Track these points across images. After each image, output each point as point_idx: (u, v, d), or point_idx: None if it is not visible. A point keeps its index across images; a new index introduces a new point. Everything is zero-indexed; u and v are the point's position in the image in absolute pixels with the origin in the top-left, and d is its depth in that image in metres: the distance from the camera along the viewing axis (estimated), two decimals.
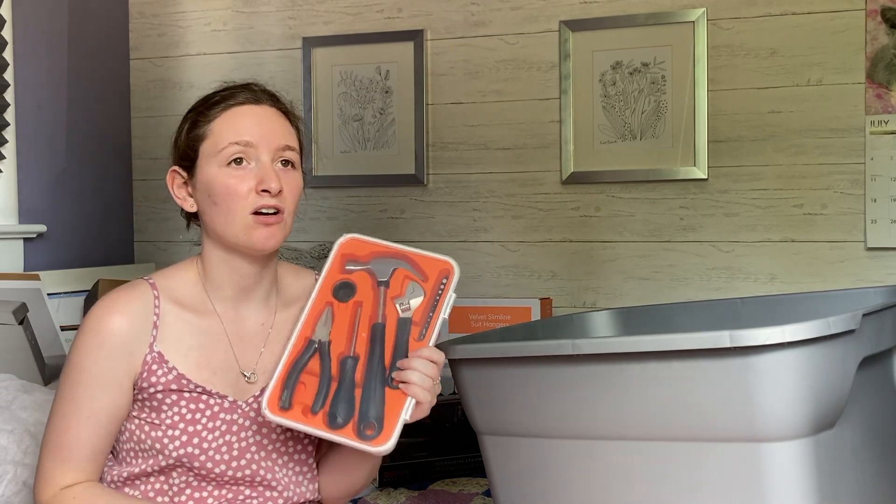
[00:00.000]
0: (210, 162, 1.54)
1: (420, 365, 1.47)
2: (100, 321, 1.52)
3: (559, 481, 1.59)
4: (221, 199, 1.52)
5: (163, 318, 1.54)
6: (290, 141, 1.57)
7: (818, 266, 2.65)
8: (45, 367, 2.44)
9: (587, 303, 2.86)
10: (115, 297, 1.55)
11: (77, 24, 3.01)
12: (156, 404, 1.52)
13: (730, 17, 2.71)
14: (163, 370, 1.52)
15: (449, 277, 1.55)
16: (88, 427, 1.50)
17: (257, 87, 1.61)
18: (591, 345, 1.51)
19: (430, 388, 1.47)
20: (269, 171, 1.52)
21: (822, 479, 1.43)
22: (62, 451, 1.51)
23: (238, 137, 1.53)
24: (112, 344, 1.51)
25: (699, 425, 1.45)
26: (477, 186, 2.95)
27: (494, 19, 2.93)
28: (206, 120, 1.56)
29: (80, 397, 1.51)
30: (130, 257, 3.24)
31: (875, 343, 1.53)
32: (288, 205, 1.55)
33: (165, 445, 1.51)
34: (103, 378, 1.51)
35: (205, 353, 1.55)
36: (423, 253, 1.59)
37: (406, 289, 1.56)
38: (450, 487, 2.28)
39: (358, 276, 1.59)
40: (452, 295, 1.54)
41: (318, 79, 3.08)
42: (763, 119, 2.69)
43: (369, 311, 1.55)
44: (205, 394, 1.53)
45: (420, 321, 1.53)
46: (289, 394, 1.49)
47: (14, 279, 2.52)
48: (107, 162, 3.16)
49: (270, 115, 1.58)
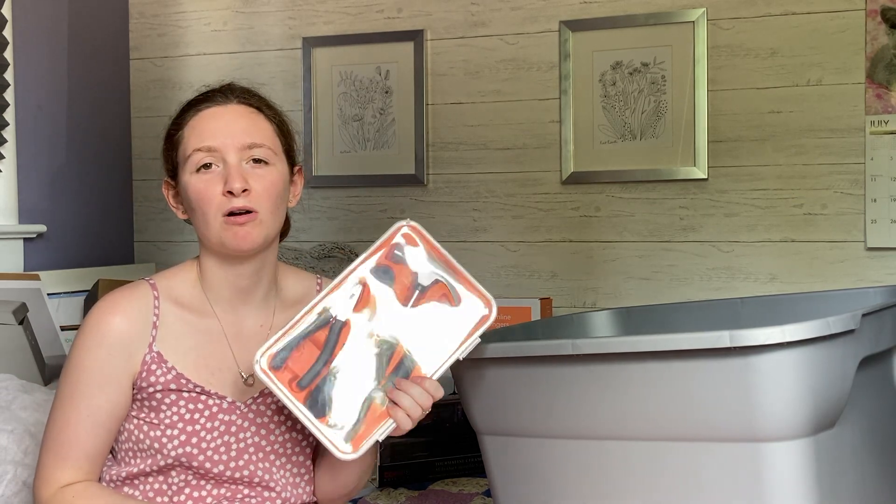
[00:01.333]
0: (184, 170, 1.55)
1: (417, 393, 1.44)
2: (100, 321, 1.52)
3: (559, 481, 1.59)
4: (196, 205, 1.53)
5: (162, 318, 1.55)
6: (256, 138, 1.54)
7: (818, 266, 2.65)
8: (45, 367, 2.44)
9: (587, 303, 2.86)
10: (116, 297, 1.55)
11: (77, 24, 3.01)
12: (155, 404, 1.52)
13: (730, 17, 2.71)
14: (162, 370, 1.52)
15: (483, 319, 1.49)
16: (87, 425, 1.51)
17: (231, 87, 1.60)
18: (591, 345, 1.51)
19: (416, 418, 1.45)
20: (232, 172, 1.50)
21: (822, 479, 1.43)
22: (62, 449, 1.51)
23: (200, 143, 1.53)
24: (112, 343, 1.51)
25: (699, 425, 1.44)
26: (477, 186, 2.95)
27: (494, 19, 2.93)
28: (178, 128, 1.57)
29: (80, 396, 1.51)
30: (130, 257, 3.24)
31: (875, 343, 1.53)
32: (262, 203, 1.52)
33: (164, 445, 1.51)
34: (103, 377, 1.51)
35: (204, 354, 1.55)
36: (472, 279, 1.51)
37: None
38: (450, 487, 2.28)
39: (401, 268, 1.50)
40: (477, 340, 1.48)
41: (318, 79, 3.08)
42: (763, 119, 2.69)
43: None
44: (203, 394, 1.53)
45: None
46: (285, 354, 1.45)
47: (14, 279, 2.52)
48: (107, 162, 3.16)
49: (236, 115, 1.56)
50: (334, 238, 3.05)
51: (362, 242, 3.04)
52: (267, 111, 1.60)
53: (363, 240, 3.04)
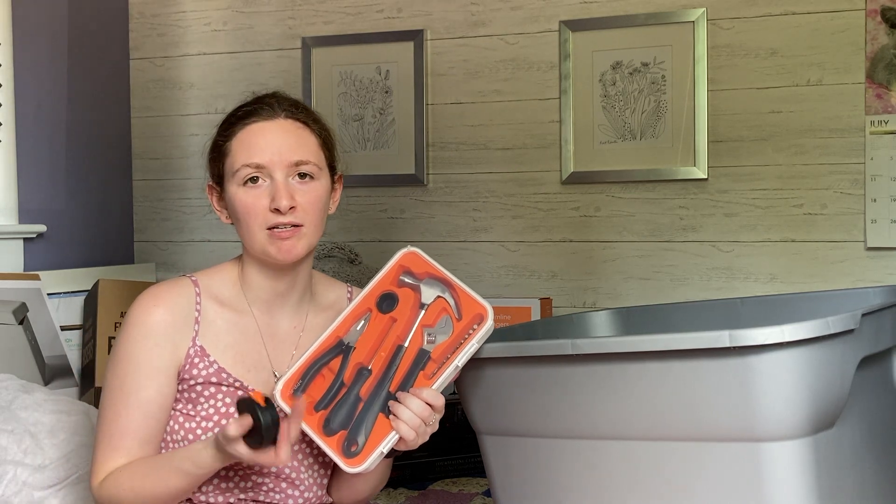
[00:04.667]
0: (231, 180, 1.59)
1: (415, 405, 1.49)
2: (144, 313, 1.57)
3: (559, 481, 1.59)
4: (241, 217, 1.58)
5: (204, 314, 1.60)
6: (303, 155, 1.58)
7: (818, 266, 2.65)
8: (45, 367, 2.45)
9: (587, 303, 2.86)
10: (158, 290, 1.61)
11: (77, 24, 3.01)
12: (194, 396, 1.57)
13: (730, 17, 2.71)
14: (204, 363, 1.57)
15: (480, 325, 1.55)
16: (137, 416, 1.55)
17: (277, 98, 1.63)
18: (590, 345, 1.51)
19: (418, 429, 1.49)
20: (280, 190, 1.55)
21: (822, 479, 1.43)
22: (113, 440, 1.56)
23: (249, 160, 1.57)
24: (157, 334, 1.56)
25: (698, 425, 1.45)
26: (477, 186, 2.95)
27: (494, 19, 2.93)
28: (225, 139, 1.61)
29: (128, 387, 1.55)
30: (130, 257, 3.24)
31: (874, 343, 1.53)
32: (307, 217, 1.57)
33: (198, 436, 1.56)
34: (150, 367, 1.55)
35: (241, 351, 1.61)
36: (469, 291, 1.58)
37: (439, 322, 1.57)
38: (450, 487, 2.28)
39: (405, 291, 1.60)
40: (475, 345, 1.53)
41: (318, 79, 3.08)
42: (763, 119, 2.69)
43: (399, 330, 1.57)
44: (241, 389, 1.59)
45: (438, 359, 1.54)
46: (304, 384, 1.53)
47: (14, 279, 2.52)
48: (107, 162, 3.16)
49: (284, 130, 1.59)
50: (334, 238, 3.05)
51: (362, 242, 3.04)
52: (313, 125, 1.63)
53: (363, 240, 3.04)
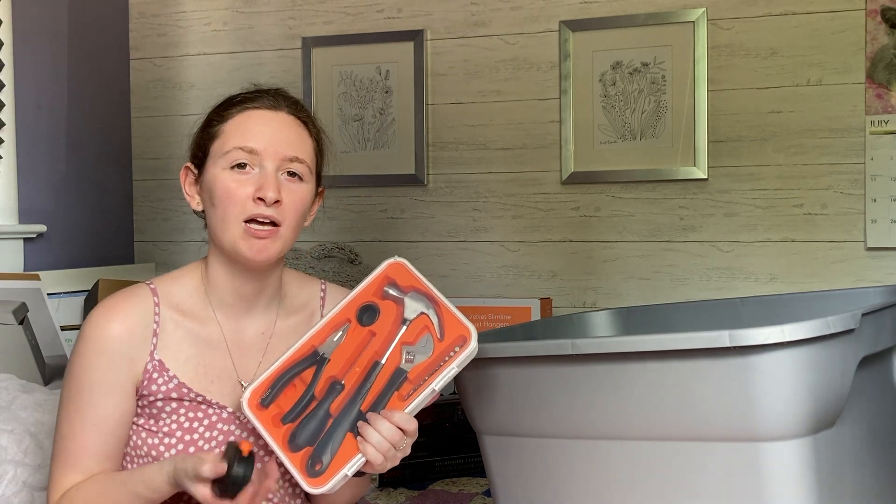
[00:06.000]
0: (216, 162, 1.51)
1: (384, 428, 1.40)
2: (99, 328, 1.50)
3: (559, 481, 1.59)
4: (219, 202, 1.50)
5: (163, 325, 1.53)
6: (299, 152, 1.52)
7: (818, 266, 2.65)
8: (45, 367, 2.45)
9: (587, 303, 2.86)
10: (114, 302, 1.53)
11: (77, 24, 3.01)
12: (155, 412, 1.51)
13: (730, 17, 2.71)
14: (163, 378, 1.51)
15: (462, 348, 1.45)
16: (93, 434, 1.49)
17: (281, 92, 1.58)
18: (590, 345, 1.51)
19: (386, 453, 1.40)
20: (269, 179, 1.48)
21: (822, 479, 1.43)
22: (70, 458, 1.50)
23: (244, 143, 1.50)
24: (112, 350, 1.49)
25: (698, 425, 1.45)
26: (477, 186, 2.95)
27: (494, 19, 2.93)
28: (220, 120, 1.54)
29: (84, 405, 1.49)
30: (130, 257, 3.24)
31: (874, 343, 1.53)
32: (287, 217, 1.50)
33: (161, 453, 1.50)
34: (106, 385, 1.49)
35: (203, 363, 1.54)
36: (453, 310, 1.48)
37: (419, 340, 1.48)
38: (450, 487, 2.28)
39: (388, 304, 1.51)
40: (455, 369, 1.44)
41: (318, 79, 3.08)
42: (763, 119, 2.69)
43: (378, 345, 1.49)
44: (204, 403, 1.52)
45: (414, 380, 1.45)
46: (274, 393, 1.46)
47: (14, 279, 2.52)
48: (107, 162, 3.16)
49: (284, 124, 1.53)
50: (334, 238, 3.05)
51: (362, 242, 3.04)
52: (312, 128, 1.58)
53: (363, 240, 3.04)
